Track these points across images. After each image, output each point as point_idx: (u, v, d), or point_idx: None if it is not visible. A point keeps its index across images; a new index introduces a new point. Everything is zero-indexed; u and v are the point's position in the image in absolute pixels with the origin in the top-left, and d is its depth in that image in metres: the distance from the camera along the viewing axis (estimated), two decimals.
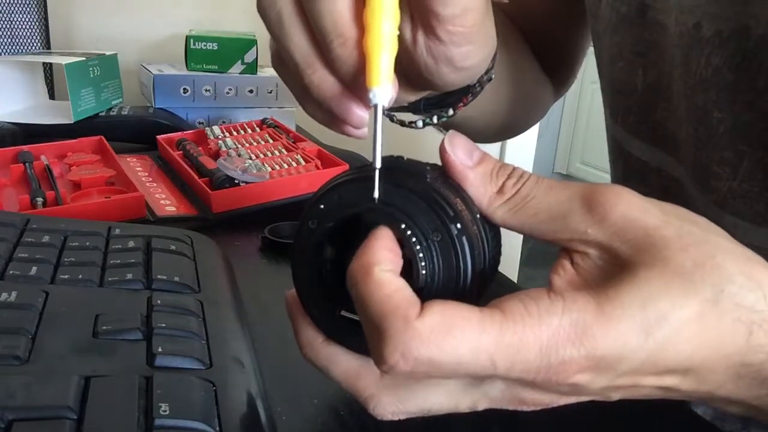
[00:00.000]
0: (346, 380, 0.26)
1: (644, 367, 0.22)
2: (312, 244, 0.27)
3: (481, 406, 0.25)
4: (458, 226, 0.25)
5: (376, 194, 0.25)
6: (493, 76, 0.36)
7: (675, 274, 0.22)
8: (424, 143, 0.26)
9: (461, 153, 0.26)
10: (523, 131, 0.63)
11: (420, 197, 0.25)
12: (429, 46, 0.27)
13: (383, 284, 0.22)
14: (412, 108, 0.38)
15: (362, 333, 0.26)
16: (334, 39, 0.26)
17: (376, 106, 0.26)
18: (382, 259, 0.23)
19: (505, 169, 0.26)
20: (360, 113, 0.28)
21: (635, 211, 0.23)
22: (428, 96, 0.35)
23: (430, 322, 0.21)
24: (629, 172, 0.49)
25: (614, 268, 0.23)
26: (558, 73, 0.60)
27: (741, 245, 0.24)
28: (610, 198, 0.24)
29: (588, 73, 3.10)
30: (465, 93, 0.36)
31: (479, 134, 0.54)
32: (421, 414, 0.26)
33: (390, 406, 0.25)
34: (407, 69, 0.29)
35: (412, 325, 0.21)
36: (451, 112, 0.37)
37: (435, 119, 0.38)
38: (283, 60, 0.29)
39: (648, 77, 0.44)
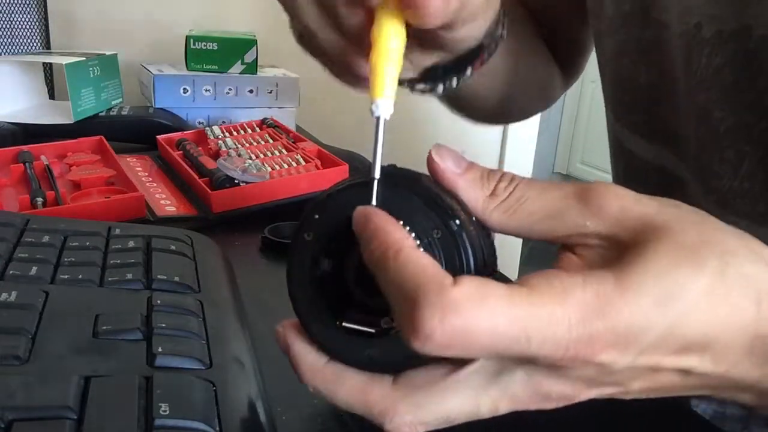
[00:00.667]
0: (355, 396, 0.25)
1: (665, 342, 0.22)
2: (309, 256, 0.27)
3: (503, 406, 0.24)
4: (457, 222, 0.25)
5: (374, 202, 0.25)
6: (506, 34, 0.37)
7: (682, 249, 0.22)
8: (422, 154, 0.27)
9: (450, 162, 0.26)
10: (532, 113, 0.64)
11: (417, 196, 0.25)
12: None
13: (415, 260, 0.22)
14: (431, 77, 0.39)
15: (367, 343, 0.25)
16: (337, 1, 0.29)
17: (378, 119, 0.26)
18: (406, 238, 0.23)
19: (494, 174, 0.26)
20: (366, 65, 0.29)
21: (630, 201, 0.24)
22: (445, 64, 0.36)
23: (465, 290, 0.21)
24: (631, 170, 0.50)
25: (619, 253, 0.23)
26: (568, 62, 0.60)
27: (734, 227, 0.24)
28: (604, 192, 0.24)
29: (588, 73, 3.09)
30: (479, 53, 0.37)
31: (490, 107, 0.55)
32: (439, 423, 0.25)
33: (407, 415, 0.24)
34: (419, 32, 0.29)
35: (449, 291, 0.21)
36: (469, 71, 0.38)
37: (455, 82, 0.38)
38: (300, 33, 0.32)
39: (651, 75, 0.44)
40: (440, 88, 0.38)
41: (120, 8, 0.98)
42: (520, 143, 1.43)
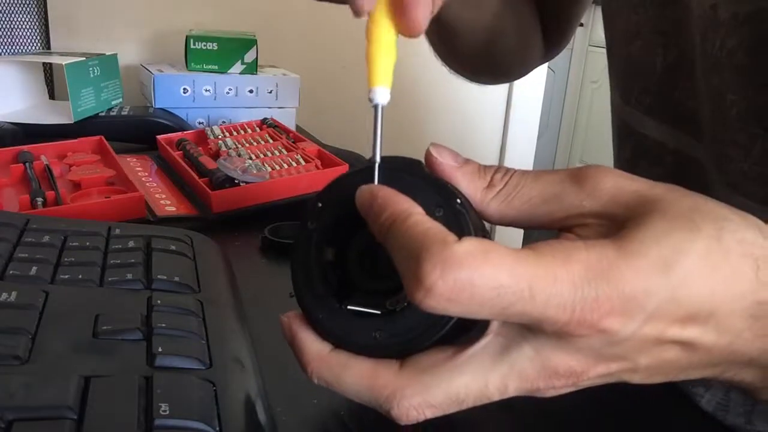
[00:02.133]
0: (362, 383, 0.25)
1: (668, 309, 0.22)
2: (313, 244, 0.27)
3: (512, 385, 0.24)
4: (458, 201, 0.25)
5: (376, 183, 0.26)
6: None
7: (676, 216, 0.23)
8: (422, 154, 0.28)
9: (447, 157, 0.26)
10: (510, 72, 0.66)
11: (417, 177, 0.26)
12: None
13: (422, 223, 0.23)
14: None
15: (372, 325, 0.25)
16: None
17: (376, 106, 0.27)
18: (414, 206, 0.24)
19: (490, 167, 0.27)
20: None
21: (623, 179, 0.24)
22: None
23: (468, 246, 0.21)
24: (640, 154, 0.49)
25: (617, 229, 0.23)
26: (550, 36, 0.62)
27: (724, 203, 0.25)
28: (597, 172, 0.25)
29: (588, 73, 3.09)
30: None
31: (472, 47, 0.56)
32: (448, 404, 0.24)
33: (414, 397, 0.24)
34: None
35: (452, 246, 0.21)
36: None
37: None
38: None
39: (669, 56, 0.44)
40: None
41: (120, 8, 0.98)
42: (520, 144, 1.43)
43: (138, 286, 0.33)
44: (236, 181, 0.57)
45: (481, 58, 0.60)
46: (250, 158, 0.63)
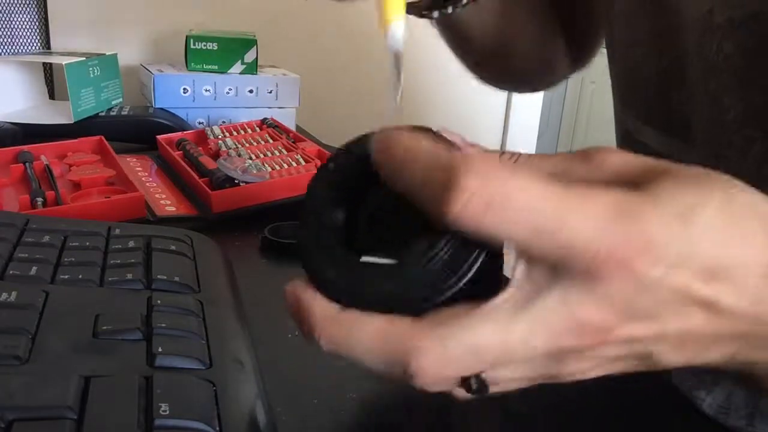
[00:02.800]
0: (374, 340, 0.23)
1: (690, 259, 0.22)
2: (324, 206, 0.26)
3: (536, 339, 0.23)
4: None
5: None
6: None
7: (687, 180, 0.23)
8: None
9: (455, 138, 0.27)
10: (536, 81, 0.66)
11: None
12: None
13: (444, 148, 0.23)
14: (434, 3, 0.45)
15: (387, 278, 0.24)
16: None
17: (396, 44, 0.27)
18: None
19: (497, 151, 0.27)
20: None
21: (629, 156, 0.25)
22: None
23: (506, 160, 0.22)
24: None
25: None
26: (578, 45, 0.62)
27: None
28: (603, 150, 0.25)
29: (588, 73, 3.09)
30: None
31: (485, 50, 0.57)
32: (468, 359, 0.23)
33: (431, 352, 0.22)
34: None
35: (493, 158, 0.21)
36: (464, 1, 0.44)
37: (449, 9, 0.44)
38: None
39: (663, 63, 0.45)
40: (436, 13, 0.43)
41: (120, 8, 0.98)
42: (520, 144, 1.43)
43: (138, 286, 0.33)
44: (236, 181, 0.57)
45: (497, 59, 0.59)
46: (250, 158, 0.63)
